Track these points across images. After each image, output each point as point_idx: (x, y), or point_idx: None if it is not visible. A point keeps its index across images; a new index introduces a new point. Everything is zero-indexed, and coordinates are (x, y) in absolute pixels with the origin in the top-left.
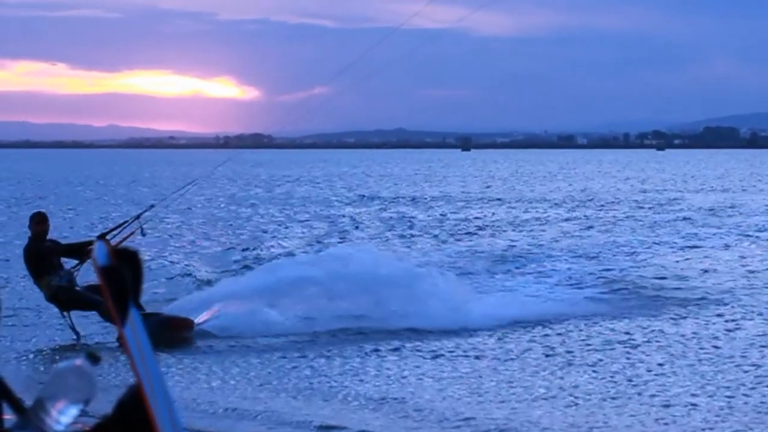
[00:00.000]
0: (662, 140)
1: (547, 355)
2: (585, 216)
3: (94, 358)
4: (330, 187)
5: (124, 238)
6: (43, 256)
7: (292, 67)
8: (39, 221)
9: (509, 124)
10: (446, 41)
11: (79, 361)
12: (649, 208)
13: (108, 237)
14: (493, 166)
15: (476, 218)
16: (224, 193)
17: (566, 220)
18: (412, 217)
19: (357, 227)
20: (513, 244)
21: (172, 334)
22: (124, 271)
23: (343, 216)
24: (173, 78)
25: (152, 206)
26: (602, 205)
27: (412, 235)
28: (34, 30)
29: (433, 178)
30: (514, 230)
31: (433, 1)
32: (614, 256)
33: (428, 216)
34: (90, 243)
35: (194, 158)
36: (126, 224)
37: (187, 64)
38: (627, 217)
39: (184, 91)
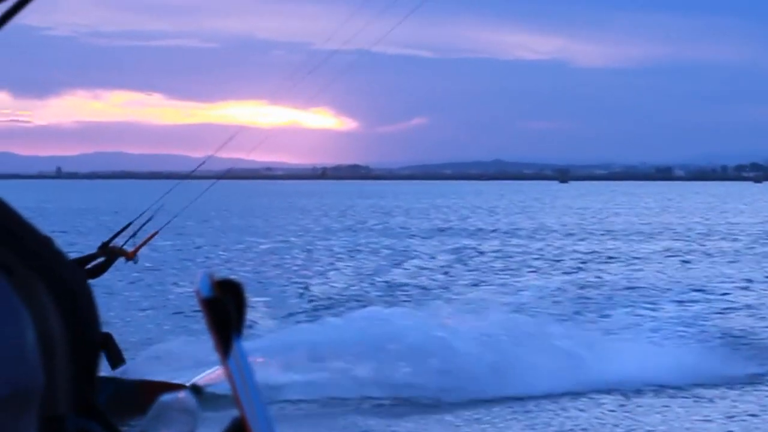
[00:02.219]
0: (760, 172)
1: None
2: (687, 249)
3: (197, 391)
4: (426, 218)
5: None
6: None
7: (390, 98)
8: None
9: (607, 156)
10: (544, 72)
11: (182, 394)
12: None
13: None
14: (592, 198)
15: (577, 251)
16: (318, 224)
17: (674, 256)
18: (512, 251)
19: (464, 263)
20: (619, 278)
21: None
22: (228, 303)
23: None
24: (270, 108)
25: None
26: (707, 237)
27: (514, 269)
28: (129, 60)
29: (532, 210)
30: (620, 264)
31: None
32: (726, 294)
33: (530, 249)
34: (94, 256)
35: (291, 189)
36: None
37: (284, 94)
38: (735, 251)
39: (281, 121)
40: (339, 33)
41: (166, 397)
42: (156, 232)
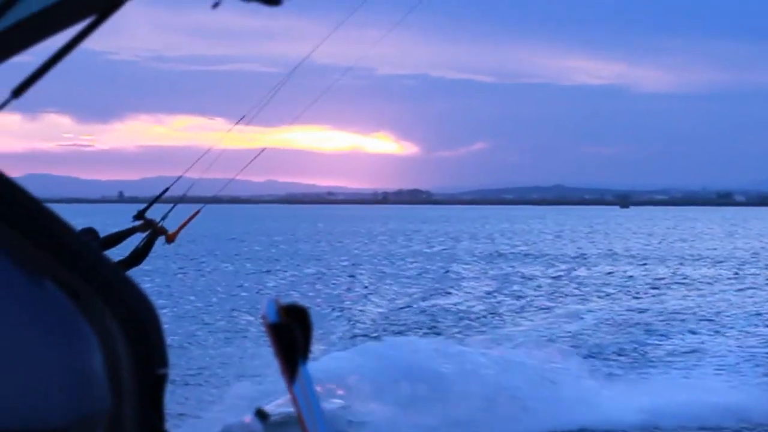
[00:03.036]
0: None
1: None
2: (753, 275)
3: (263, 416)
4: (491, 243)
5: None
6: None
7: (451, 123)
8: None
9: (667, 181)
10: (606, 98)
11: (248, 419)
12: None
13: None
14: (653, 223)
15: (642, 276)
16: (383, 250)
17: (739, 282)
18: (580, 275)
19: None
20: (683, 305)
21: None
22: (294, 329)
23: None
24: (331, 133)
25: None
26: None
27: (579, 295)
28: (191, 85)
29: (596, 234)
30: (685, 290)
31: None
32: None
33: (594, 274)
34: (130, 231)
35: (352, 214)
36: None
37: (345, 119)
38: None
39: (343, 146)
40: (401, 58)
41: (232, 422)
42: (198, 212)
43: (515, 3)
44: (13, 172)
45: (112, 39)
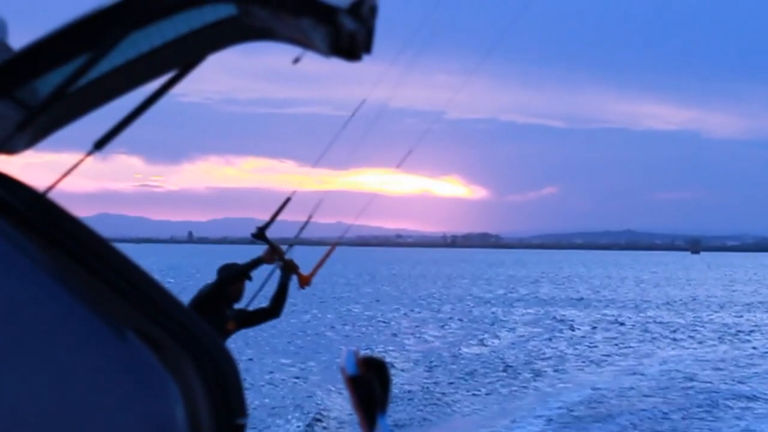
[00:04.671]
0: None
1: None
2: None
3: None
4: (569, 288)
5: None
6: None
7: (521, 167)
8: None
9: (739, 227)
10: (677, 143)
11: None
12: None
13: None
14: (727, 269)
15: (716, 323)
16: (447, 292)
17: None
18: (672, 322)
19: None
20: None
21: None
22: (372, 381)
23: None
24: (401, 177)
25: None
26: None
27: (652, 341)
28: (261, 127)
29: (675, 281)
30: (761, 336)
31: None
32: None
33: (670, 320)
34: (255, 263)
35: (421, 257)
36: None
37: (415, 162)
38: None
39: (412, 189)
40: (472, 102)
41: None
42: (336, 244)
43: (587, 48)
44: (85, 212)
45: (183, 81)
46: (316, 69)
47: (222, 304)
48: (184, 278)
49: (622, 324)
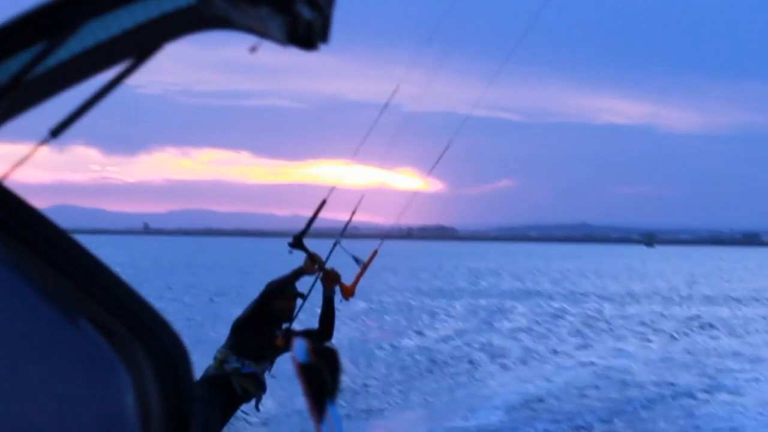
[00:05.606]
0: None
1: None
2: None
3: None
4: (530, 280)
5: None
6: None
7: (477, 160)
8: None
9: (693, 221)
10: (633, 137)
11: None
12: None
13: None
14: (681, 262)
15: (674, 317)
16: (418, 285)
17: None
18: (634, 314)
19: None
20: (721, 345)
21: None
22: (323, 369)
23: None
24: (356, 168)
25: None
26: None
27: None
28: (219, 119)
29: (630, 273)
30: (721, 331)
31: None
32: None
33: (627, 313)
34: (296, 275)
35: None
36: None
37: (370, 154)
38: None
39: (369, 181)
40: (428, 95)
41: None
42: (375, 251)
43: (544, 42)
44: (41, 203)
45: (141, 73)
46: (273, 61)
47: (269, 322)
48: (138, 269)
49: (584, 316)
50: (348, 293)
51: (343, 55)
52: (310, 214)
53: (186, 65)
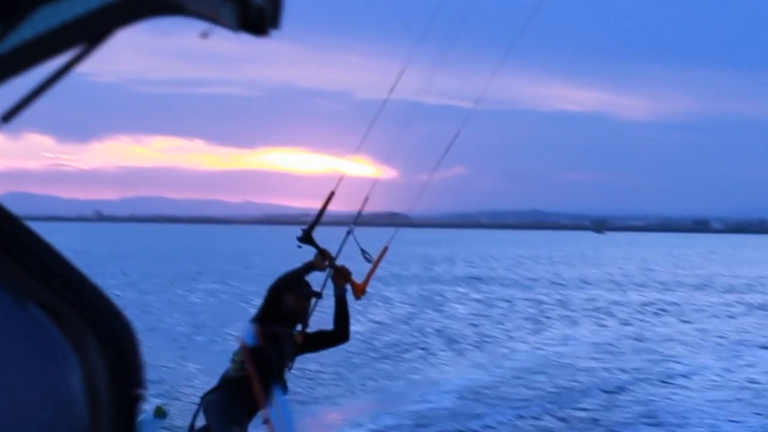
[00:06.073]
0: None
1: None
2: (739, 302)
3: (161, 414)
4: (485, 266)
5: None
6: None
7: (430, 147)
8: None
9: (644, 208)
10: (584, 124)
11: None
12: None
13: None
14: (630, 249)
15: (625, 303)
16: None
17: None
18: (589, 299)
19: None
20: (671, 331)
21: None
22: (270, 352)
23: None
24: (309, 156)
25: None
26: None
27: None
28: (172, 107)
29: (580, 259)
30: (672, 316)
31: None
32: None
33: (577, 299)
34: (306, 269)
35: (330, 236)
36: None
37: (323, 142)
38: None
39: (320, 169)
40: (381, 83)
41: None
42: (386, 248)
43: (496, 30)
44: None
45: (95, 61)
46: (227, 49)
47: (283, 322)
48: (91, 256)
49: (538, 302)
50: (359, 292)
51: (296, 42)
52: (262, 200)
53: (140, 53)
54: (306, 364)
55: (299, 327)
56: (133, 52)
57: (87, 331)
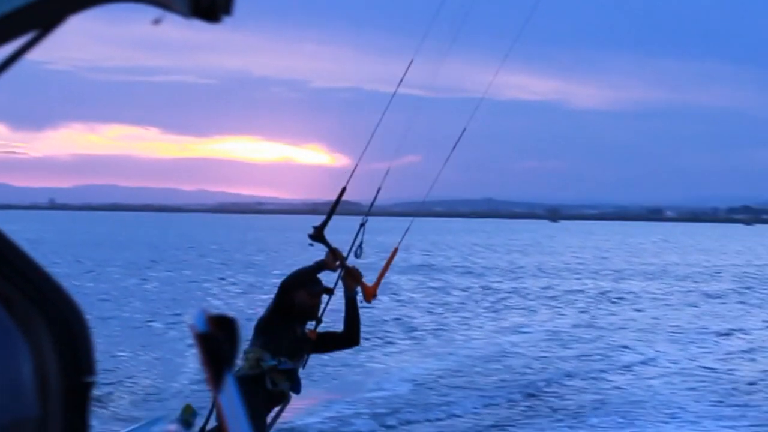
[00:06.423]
0: (751, 215)
1: None
2: (689, 290)
3: (188, 424)
4: (441, 255)
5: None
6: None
7: (383, 136)
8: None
9: (598, 196)
10: (539, 113)
11: (173, 427)
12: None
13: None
14: (584, 237)
15: (579, 291)
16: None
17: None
18: (518, 288)
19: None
20: (622, 319)
21: None
22: (221, 339)
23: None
24: (264, 144)
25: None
26: (712, 278)
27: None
28: (126, 95)
29: (534, 248)
30: (625, 305)
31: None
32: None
33: (530, 288)
34: (319, 268)
35: (283, 224)
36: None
37: (278, 130)
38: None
39: (274, 157)
40: (336, 71)
41: (156, 430)
42: (396, 249)
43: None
44: None
45: (48, 48)
46: (181, 37)
47: (294, 319)
48: (44, 244)
49: (496, 291)
50: (370, 294)
51: (251, 30)
52: (216, 189)
53: (95, 41)
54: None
55: (312, 325)
56: (88, 40)
57: (38, 319)
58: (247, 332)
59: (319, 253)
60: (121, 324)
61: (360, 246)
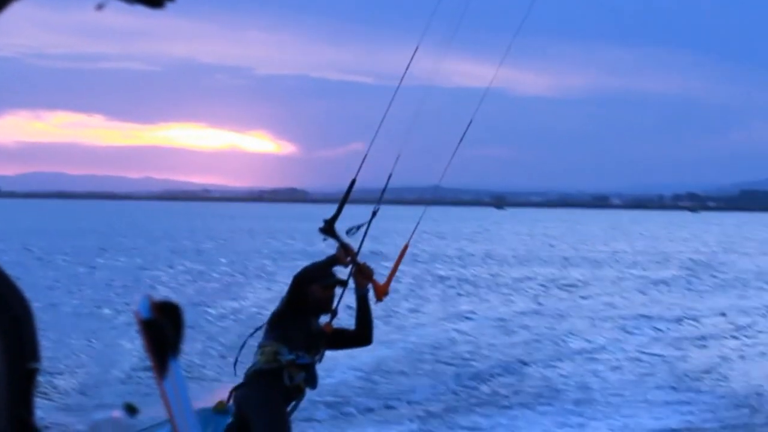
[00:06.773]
0: (696, 203)
1: None
2: (641, 276)
3: (132, 410)
4: (389, 243)
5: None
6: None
7: (329, 123)
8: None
9: (543, 184)
10: (485, 100)
11: (116, 413)
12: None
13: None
14: (531, 224)
15: (528, 278)
16: (263, 247)
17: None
18: (466, 275)
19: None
20: (571, 305)
21: None
22: (165, 325)
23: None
24: (209, 131)
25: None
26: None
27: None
28: (72, 82)
29: (482, 235)
30: (574, 291)
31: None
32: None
33: (482, 275)
34: (330, 263)
35: (229, 212)
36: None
37: (223, 118)
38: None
39: (220, 144)
40: (282, 58)
41: (100, 417)
42: (406, 246)
43: (393, 6)
44: None
45: None
46: (126, 24)
47: (308, 312)
48: None
49: (445, 278)
50: (381, 293)
51: (196, 16)
52: (162, 176)
53: (40, 28)
54: (210, 342)
55: (327, 318)
56: (33, 26)
57: None
58: (245, 330)
59: (267, 239)
60: (71, 311)
61: (357, 227)
